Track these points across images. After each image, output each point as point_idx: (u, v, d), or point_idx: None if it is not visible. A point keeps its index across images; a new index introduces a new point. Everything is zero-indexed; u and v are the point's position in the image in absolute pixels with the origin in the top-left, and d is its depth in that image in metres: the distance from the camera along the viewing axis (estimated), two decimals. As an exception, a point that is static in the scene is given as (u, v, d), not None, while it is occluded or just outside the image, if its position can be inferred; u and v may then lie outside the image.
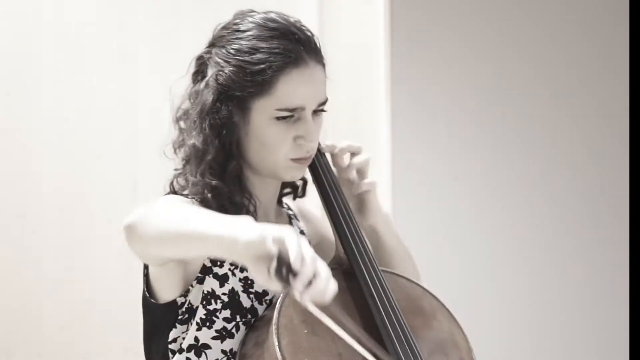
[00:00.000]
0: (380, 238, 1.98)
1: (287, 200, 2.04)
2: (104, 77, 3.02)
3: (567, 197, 3.48)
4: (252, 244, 1.50)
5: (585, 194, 3.49)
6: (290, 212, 2.02)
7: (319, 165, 1.92)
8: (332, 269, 1.83)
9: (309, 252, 1.50)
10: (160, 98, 2.85)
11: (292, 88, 1.78)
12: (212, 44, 1.86)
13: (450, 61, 3.39)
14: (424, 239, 3.33)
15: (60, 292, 2.98)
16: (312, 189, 1.97)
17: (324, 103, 1.84)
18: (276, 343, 1.67)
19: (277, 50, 1.78)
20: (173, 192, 1.87)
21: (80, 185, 3.00)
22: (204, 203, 1.81)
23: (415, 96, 3.35)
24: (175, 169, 1.88)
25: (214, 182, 1.80)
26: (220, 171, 1.81)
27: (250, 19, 1.83)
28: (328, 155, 1.95)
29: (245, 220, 1.55)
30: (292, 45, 1.79)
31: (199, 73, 1.87)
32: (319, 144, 1.93)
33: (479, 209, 3.43)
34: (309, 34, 1.83)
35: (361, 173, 1.94)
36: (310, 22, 1.93)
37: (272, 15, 1.82)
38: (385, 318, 1.76)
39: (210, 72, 1.82)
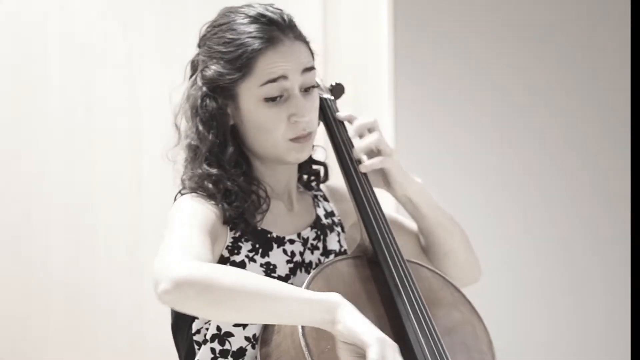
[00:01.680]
0: (416, 207, 1.99)
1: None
2: (109, 79, 3.03)
3: (573, 188, 3.47)
4: (353, 336, 1.59)
5: (591, 183, 3.49)
6: (318, 193, 2.03)
7: (341, 142, 1.95)
8: (356, 257, 1.85)
9: None
10: (164, 100, 2.86)
11: (271, 62, 1.81)
12: (198, 45, 1.91)
13: (454, 58, 3.39)
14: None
15: (66, 291, 2.98)
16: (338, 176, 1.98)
17: (309, 69, 1.85)
18: (300, 329, 1.67)
19: (252, 35, 1.82)
20: (184, 188, 1.89)
21: (85, 186, 3.01)
22: (207, 193, 1.83)
23: (419, 94, 3.35)
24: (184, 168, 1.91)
25: (212, 171, 1.83)
26: (217, 160, 1.84)
27: (228, 13, 1.88)
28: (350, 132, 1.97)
29: (348, 307, 1.61)
30: (265, 27, 1.83)
31: (192, 76, 1.91)
32: (339, 114, 1.97)
33: (482, 200, 3.43)
34: (282, 15, 1.86)
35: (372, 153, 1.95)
36: (313, 23, 1.95)
37: (250, 7, 1.87)
38: (409, 308, 1.77)
39: (198, 71, 1.87)
